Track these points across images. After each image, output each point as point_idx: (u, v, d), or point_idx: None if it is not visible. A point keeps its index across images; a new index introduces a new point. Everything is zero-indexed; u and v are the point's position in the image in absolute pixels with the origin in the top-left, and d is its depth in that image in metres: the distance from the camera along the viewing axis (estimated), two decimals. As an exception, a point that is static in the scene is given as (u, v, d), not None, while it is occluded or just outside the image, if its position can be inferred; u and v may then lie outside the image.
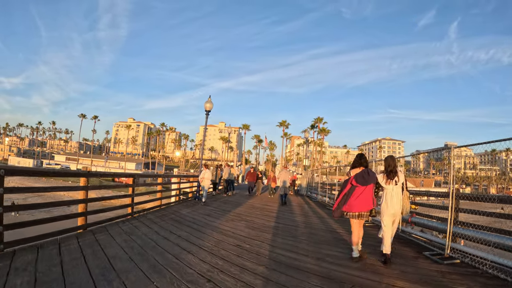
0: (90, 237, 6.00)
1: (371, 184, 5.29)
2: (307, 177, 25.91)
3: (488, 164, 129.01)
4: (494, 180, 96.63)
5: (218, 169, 18.41)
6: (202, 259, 4.89)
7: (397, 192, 5.27)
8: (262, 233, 7.33)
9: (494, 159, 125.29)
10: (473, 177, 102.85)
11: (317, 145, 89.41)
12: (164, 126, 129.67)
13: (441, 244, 6.26)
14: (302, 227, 8.57)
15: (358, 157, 5.57)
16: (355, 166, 5.50)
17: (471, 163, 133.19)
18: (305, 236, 7.23)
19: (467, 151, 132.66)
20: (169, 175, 10.84)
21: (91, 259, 4.59)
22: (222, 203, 13.68)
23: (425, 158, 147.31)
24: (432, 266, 5.14)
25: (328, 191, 17.27)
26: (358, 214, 5.25)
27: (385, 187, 5.31)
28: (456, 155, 6.33)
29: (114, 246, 5.39)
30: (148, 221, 8.13)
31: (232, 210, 11.47)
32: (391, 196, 5.25)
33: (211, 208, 11.54)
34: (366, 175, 5.24)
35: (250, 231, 7.42)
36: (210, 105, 15.10)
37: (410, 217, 7.90)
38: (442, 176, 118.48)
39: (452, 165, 6.06)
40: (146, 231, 6.86)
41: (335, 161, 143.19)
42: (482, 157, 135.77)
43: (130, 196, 8.96)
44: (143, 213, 9.34)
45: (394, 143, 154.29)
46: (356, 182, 5.24)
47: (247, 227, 8.04)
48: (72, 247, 5.19)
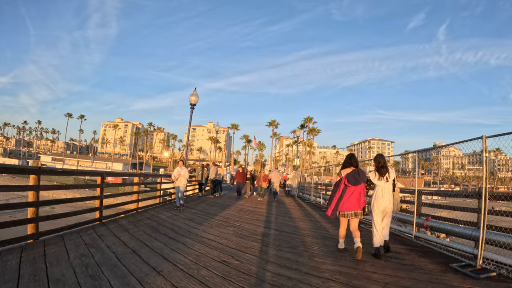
0: (38, 250, 4.77)
1: (362, 184, 5.34)
2: (298, 177, 24.85)
3: (477, 164, 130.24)
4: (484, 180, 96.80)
5: (205, 168, 17.17)
6: (176, 284, 3.67)
7: (388, 188, 5.42)
8: (253, 242, 6.14)
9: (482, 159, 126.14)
10: (462, 177, 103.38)
11: (306, 145, 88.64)
12: (151, 125, 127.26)
13: (468, 253, 5.21)
14: (299, 234, 7.40)
15: (349, 157, 5.64)
16: (345, 166, 5.55)
17: (460, 163, 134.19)
18: (305, 247, 6.05)
19: (456, 151, 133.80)
20: (148, 174, 9.33)
21: (26, 283, 3.40)
22: (208, 206, 12.44)
23: (413, 158, 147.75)
24: (466, 282, 4.07)
25: (323, 192, 16.19)
26: (352, 213, 5.30)
27: (377, 183, 5.46)
28: (445, 155, 5.57)
29: (63, 264, 4.16)
30: (118, 228, 6.88)
31: (219, 213, 10.26)
32: (382, 193, 5.40)
33: (195, 212, 10.31)
34: (357, 175, 5.31)
35: (239, 241, 6.22)
36: (195, 98, 13.85)
37: (426, 220, 6.85)
38: (431, 176, 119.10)
39: (485, 162, 5.03)
40: (112, 241, 5.61)
41: (325, 161, 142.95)
42: (470, 157, 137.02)
43: (98, 198, 7.67)
44: (114, 218, 8.06)
45: (384, 143, 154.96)
46: (348, 182, 5.32)
47: (236, 234, 6.84)
48: (9, 264, 4.01)
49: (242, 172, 17.49)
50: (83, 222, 6.97)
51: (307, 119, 78.48)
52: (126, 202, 9.57)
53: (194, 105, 14.19)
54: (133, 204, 9.58)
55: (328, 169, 17.19)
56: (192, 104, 14.09)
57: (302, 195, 21.94)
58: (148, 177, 12.28)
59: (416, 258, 5.29)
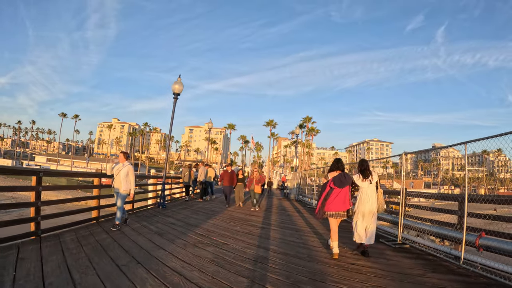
0: None
1: (347, 186, 5.58)
2: (298, 179, 22.94)
3: (476, 165, 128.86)
4: (484, 181, 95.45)
5: (193, 169, 15.20)
6: None
7: (371, 190, 5.64)
8: (239, 276, 4.17)
9: (482, 160, 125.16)
10: (463, 178, 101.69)
11: (305, 147, 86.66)
12: (146, 125, 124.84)
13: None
14: (305, 257, 5.45)
15: (336, 161, 5.95)
16: (332, 169, 5.80)
17: (459, 164, 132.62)
18: (318, 285, 4.10)
19: (455, 152, 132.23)
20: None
21: None
22: (191, 213, 10.48)
23: (412, 160, 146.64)
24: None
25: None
26: (337, 213, 5.49)
27: (361, 185, 5.68)
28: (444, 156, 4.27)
29: None
30: (53, 247, 4.90)
31: (201, 224, 8.28)
32: (366, 195, 5.62)
33: (171, 222, 8.33)
34: (343, 178, 5.56)
35: (217, 272, 4.25)
36: (179, 86, 11.81)
37: (478, 237, 4.95)
38: (431, 177, 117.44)
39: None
40: (30, 271, 3.64)
41: (323, 162, 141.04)
42: (469, 158, 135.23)
43: (33, 205, 5.70)
44: (59, 232, 6.06)
45: (382, 144, 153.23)
46: (334, 185, 5.54)
47: (215, 259, 4.86)
48: None
49: (230, 172, 13.19)
50: (18, 236, 5.04)
51: (306, 119, 76.34)
52: (81, 209, 7.53)
53: (178, 94, 12.15)
54: (91, 212, 7.58)
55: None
56: (175, 94, 12.09)
57: (302, 199, 20.09)
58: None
59: None
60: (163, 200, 11.66)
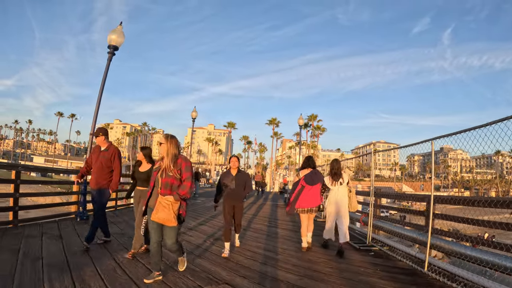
0: None
1: (318, 184, 5.86)
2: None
3: (484, 167, 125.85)
4: (495, 184, 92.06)
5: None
6: None
7: (342, 191, 5.90)
8: None
9: (490, 162, 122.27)
10: (474, 180, 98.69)
11: (310, 147, 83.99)
12: (145, 125, 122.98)
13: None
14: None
15: (307, 159, 6.08)
16: (303, 167, 5.97)
17: (467, 166, 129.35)
18: None
19: (463, 154, 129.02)
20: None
21: None
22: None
23: (420, 162, 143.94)
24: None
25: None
26: (308, 209, 5.77)
27: (331, 187, 5.97)
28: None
29: None
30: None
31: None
32: (335, 196, 5.88)
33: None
34: (314, 176, 5.80)
35: None
36: (116, 37, 7.85)
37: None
38: (440, 180, 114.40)
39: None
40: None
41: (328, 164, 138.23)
42: (477, 161, 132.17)
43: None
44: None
45: (389, 146, 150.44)
46: (305, 183, 5.75)
47: None
48: None
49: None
50: None
51: (311, 117, 73.55)
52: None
53: (116, 48, 9.01)
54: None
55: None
56: (111, 46, 8.90)
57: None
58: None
59: None
60: (83, 208, 8.20)
